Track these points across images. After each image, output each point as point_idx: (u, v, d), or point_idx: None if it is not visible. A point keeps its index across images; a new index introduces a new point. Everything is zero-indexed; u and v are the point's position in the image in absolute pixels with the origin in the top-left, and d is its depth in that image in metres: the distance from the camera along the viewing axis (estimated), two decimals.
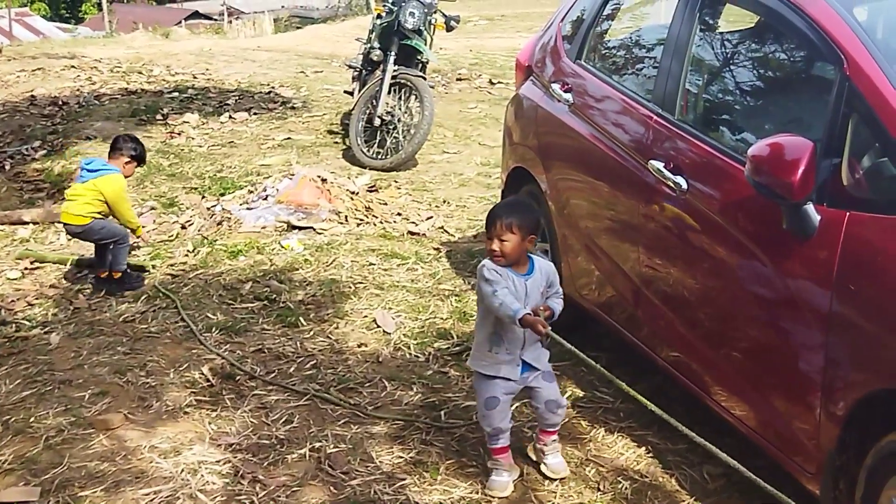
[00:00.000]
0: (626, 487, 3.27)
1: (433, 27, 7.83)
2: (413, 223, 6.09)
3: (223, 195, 6.61)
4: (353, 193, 6.31)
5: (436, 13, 7.77)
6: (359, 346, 4.38)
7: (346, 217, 6.01)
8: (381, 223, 6.01)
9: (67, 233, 5.20)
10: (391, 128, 7.45)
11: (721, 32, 3.80)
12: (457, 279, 5.18)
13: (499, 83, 10.72)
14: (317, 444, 3.52)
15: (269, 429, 3.63)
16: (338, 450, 3.49)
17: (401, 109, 7.45)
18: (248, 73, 11.19)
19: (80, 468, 3.33)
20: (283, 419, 3.71)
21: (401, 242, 5.75)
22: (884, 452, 2.50)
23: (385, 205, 6.34)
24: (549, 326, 3.04)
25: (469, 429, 3.63)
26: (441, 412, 3.77)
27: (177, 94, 9.83)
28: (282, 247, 5.58)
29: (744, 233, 2.99)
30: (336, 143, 8.21)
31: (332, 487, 3.26)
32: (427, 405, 3.83)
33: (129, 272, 5.08)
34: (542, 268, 3.25)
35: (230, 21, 29.00)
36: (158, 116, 8.90)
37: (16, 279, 5.32)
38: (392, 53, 7.46)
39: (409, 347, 4.37)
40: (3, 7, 36.60)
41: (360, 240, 5.71)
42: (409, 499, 3.19)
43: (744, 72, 3.66)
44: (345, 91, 8.85)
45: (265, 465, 3.38)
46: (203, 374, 4.04)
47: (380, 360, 4.24)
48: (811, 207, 2.66)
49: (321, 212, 6.01)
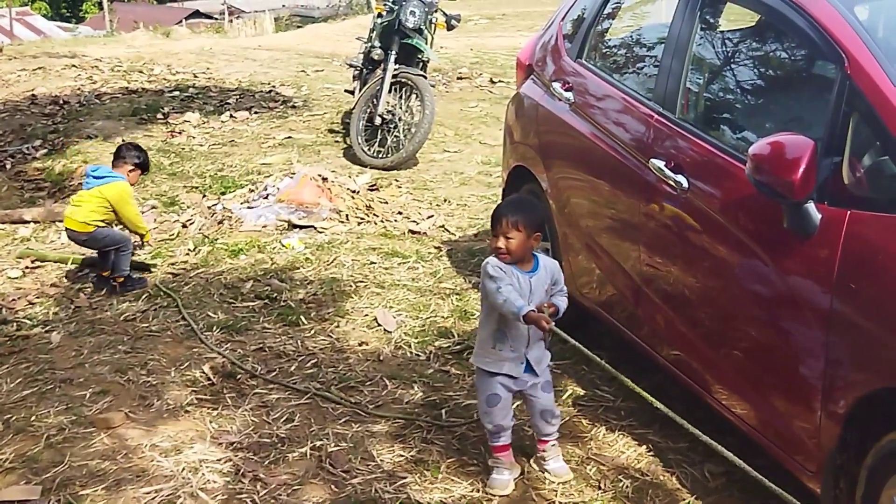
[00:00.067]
0: (627, 486, 3.27)
1: (434, 26, 7.82)
2: (414, 222, 6.09)
3: (224, 194, 6.62)
4: (354, 192, 6.31)
5: (436, 12, 7.77)
6: (360, 345, 4.38)
7: (347, 216, 6.01)
8: (382, 222, 6.01)
9: (70, 239, 5.19)
10: (392, 127, 7.45)
11: (722, 31, 3.80)
12: (458, 278, 5.18)
13: (499, 82, 10.72)
14: (318, 443, 3.52)
15: (270, 427, 3.63)
16: (339, 448, 3.49)
17: (402, 108, 7.44)
18: (249, 72, 11.19)
19: (81, 467, 3.33)
20: (284, 418, 3.71)
21: (402, 241, 5.75)
22: (884, 451, 2.50)
23: (386, 203, 6.33)
24: (553, 323, 3.04)
25: (470, 427, 3.64)
26: (442, 411, 3.77)
27: (178, 93, 9.83)
28: (283, 245, 5.58)
29: (744, 231, 2.99)
30: (337, 142, 8.21)
31: (333, 486, 3.26)
32: (428, 404, 3.84)
33: (131, 275, 5.08)
34: (547, 265, 3.25)
35: (231, 20, 29.02)
36: (159, 115, 8.91)
37: (17, 278, 5.33)
38: (393, 52, 7.46)
39: (410, 346, 4.37)
40: (4, 6, 36.60)
41: (361, 238, 5.71)
42: (410, 497, 3.19)
43: (745, 70, 3.66)
44: (345, 90, 8.85)
45: (266, 464, 3.38)
46: (204, 373, 4.05)
47: (381, 359, 4.24)
48: (812, 206, 2.66)
49: (322, 211, 6.01)
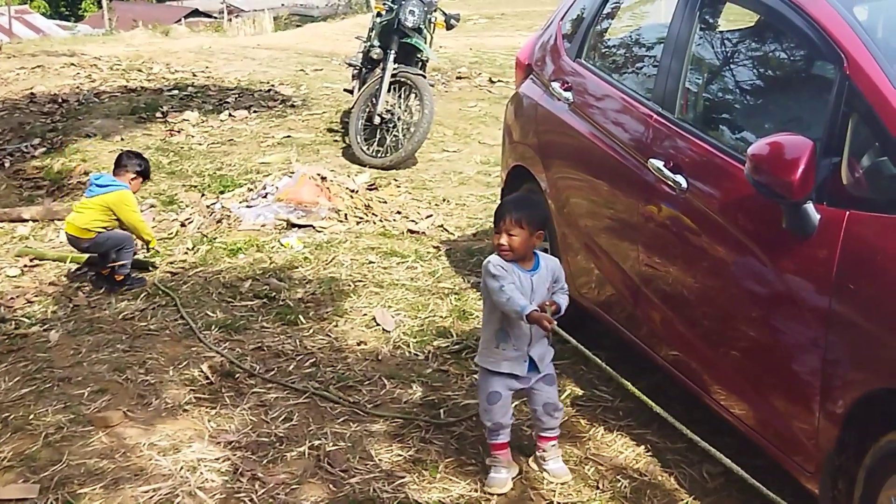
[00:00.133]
0: (626, 486, 3.27)
1: (433, 25, 7.82)
2: (413, 221, 6.09)
3: (223, 193, 6.62)
4: (353, 192, 6.31)
5: (436, 11, 7.77)
6: (358, 345, 4.38)
7: (346, 215, 6.01)
8: (381, 221, 6.01)
9: (72, 245, 5.17)
10: (391, 126, 7.44)
11: (721, 31, 3.80)
12: (456, 277, 5.18)
13: (499, 82, 10.71)
14: (316, 442, 3.52)
15: (269, 427, 3.63)
16: (337, 448, 3.49)
17: (400, 108, 7.44)
18: (248, 71, 11.18)
19: (80, 465, 3.33)
20: (283, 417, 3.71)
21: (400, 241, 5.75)
22: (883, 452, 2.50)
23: (385, 203, 6.33)
24: (555, 322, 3.04)
25: (468, 427, 3.64)
26: (440, 410, 3.77)
27: (176, 92, 9.82)
28: (281, 245, 5.58)
29: (743, 232, 2.99)
30: (336, 142, 8.20)
31: (332, 485, 3.26)
32: (426, 403, 3.83)
33: (131, 274, 5.08)
34: (548, 264, 3.25)
35: (230, 19, 29.05)
36: (158, 114, 8.90)
37: (15, 276, 5.32)
38: (392, 52, 7.45)
39: (409, 346, 4.37)
40: (3, 5, 36.59)
41: (360, 238, 5.71)
42: (409, 497, 3.19)
43: (744, 71, 3.66)
44: (344, 89, 8.85)
45: (264, 463, 3.38)
46: (202, 372, 4.04)
47: (379, 359, 4.24)
48: (811, 206, 2.66)
49: (321, 210, 6.01)
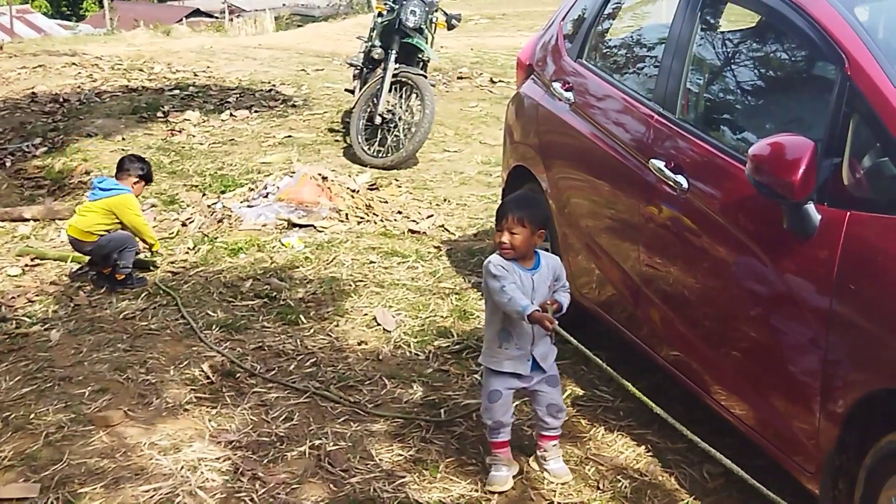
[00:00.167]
0: (626, 486, 3.27)
1: (434, 25, 7.82)
2: (414, 221, 6.09)
3: (224, 193, 6.62)
4: (354, 191, 6.31)
5: (437, 11, 7.77)
6: (359, 344, 4.38)
7: (347, 215, 6.01)
8: (382, 221, 6.01)
9: (75, 248, 5.17)
10: (392, 126, 7.45)
11: (722, 32, 3.80)
12: (457, 277, 5.18)
13: (500, 82, 10.71)
14: (317, 442, 3.52)
15: (269, 426, 3.63)
16: (337, 447, 3.49)
17: (402, 108, 7.44)
18: (249, 71, 11.18)
19: (80, 465, 3.33)
20: (283, 417, 3.71)
21: (401, 241, 5.75)
22: (883, 452, 2.50)
23: (386, 203, 6.33)
24: (557, 321, 3.04)
25: (469, 427, 3.64)
26: (441, 410, 3.77)
27: (178, 92, 9.82)
28: (282, 244, 5.58)
29: (744, 232, 2.99)
30: (337, 142, 8.21)
31: (332, 485, 3.26)
32: (427, 403, 3.84)
33: (132, 274, 5.08)
34: (549, 262, 3.25)
35: (231, 19, 29.06)
36: (159, 114, 8.90)
37: (16, 276, 5.33)
38: (393, 52, 7.45)
39: (410, 345, 4.37)
40: (5, 4, 36.60)
41: (361, 238, 5.71)
42: (409, 497, 3.19)
43: (745, 71, 3.66)
44: (346, 89, 8.85)
45: (265, 463, 3.38)
46: (203, 372, 4.04)
47: (380, 358, 4.24)
48: (812, 207, 2.66)
49: (322, 210, 6.01)
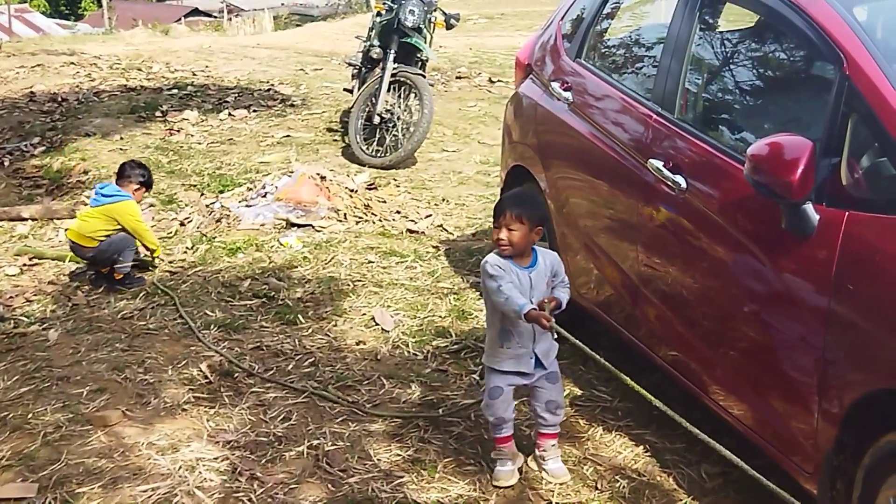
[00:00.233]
0: (624, 486, 3.27)
1: (433, 25, 7.82)
2: (412, 221, 6.09)
3: (222, 192, 6.62)
4: (352, 191, 6.31)
5: (435, 11, 7.77)
6: (357, 344, 4.38)
7: (345, 215, 6.01)
8: (380, 221, 6.01)
9: (76, 254, 5.17)
10: (390, 126, 7.45)
11: (721, 32, 3.80)
12: (455, 277, 5.18)
13: (498, 81, 10.71)
14: (315, 442, 3.52)
15: (267, 426, 3.63)
16: (336, 447, 3.49)
17: (400, 107, 7.44)
18: (248, 71, 11.18)
19: (78, 465, 3.33)
20: (282, 416, 3.71)
21: (399, 240, 5.75)
22: (881, 452, 2.50)
23: (384, 203, 6.33)
24: (554, 319, 3.04)
25: (467, 427, 3.64)
26: (439, 410, 3.77)
27: (176, 91, 9.82)
28: (280, 244, 5.58)
29: (743, 232, 2.99)
30: (335, 141, 8.20)
31: (330, 485, 3.26)
32: (425, 403, 3.83)
33: (130, 273, 5.08)
34: (546, 258, 3.25)
35: (230, 18, 29.04)
36: (158, 113, 8.90)
37: (14, 275, 5.32)
38: (392, 51, 7.45)
39: (408, 345, 4.37)
40: (3, 3, 36.57)
41: (359, 238, 5.71)
42: (407, 497, 3.19)
43: (743, 71, 3.66)
44: (344, 89, 8.85)
45: (263, 463, 3.38)
46: (201, 371, 4.04)
47: (378, 358, 4.23)
48: (810, 207, 2.66)
49: (320, 209, 6.01)
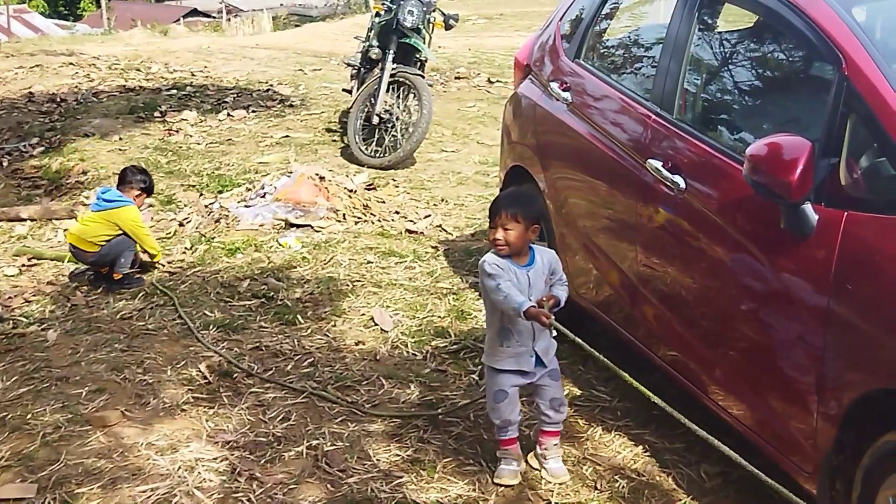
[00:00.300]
0: (623, 486, 3.27)
1: (432, 25, 7.83)
2: (411, 221, 6.09)
3: (221, 193, 6.62)
4: (352, 191, 6.31)
5: (434, 11, 7.77)
6: (356, 345, 4.38)
7: (344, 215, 6.01)
8: (379, 221, 6.01)
9: (77, 258, 5.17)
10: (389, 126, 7.45)
11: (720, 32, 3.80)
12: (455, 277, 5.18)
13: (497, 82, 10.72)
14: (314, 442, 3.52)
15: (267, 426, 3.63)
16: (335, 448, 3.49)
17: (399, 108, 7.44)
18: (247, 71, 11.18)
19: (77, 465, 3.33)
20: (281, 417, 3.70)
21: (399, 241, 5.75)
22: (880, 452, 2.50)
23: (383, 203, 6.33)
24: (553, 317, 3.04)
25: (466, 427, 3.64)
26: (438, 410, 3.77)
27: (175, 92, 9.81)
28: (280, 245, 5.58)
29: (742, 232, 2.99)
30: (334, 142, 8.20)
31: (329, 485, 3.26)
32: (424, 403, 3.83)
33: (129, 273, 5.08)
34: (544, 256, 3.25)
35: (229, 18, 29.05)
36: (156, 114, 8.89)
37: (13, 276, 5.32)
38: (391, 52, 7.45)
39: (407, 346, 4.37)
40: (2, 4, 36.56)
41: (358, 238, 5.71)
42: (407, 497, 3.19)
43: (742, 71, 3.66)
44: (343, 89, 8.85)
45: (262, 463, 3.38)
46: (200, 372, 4.04)
47: (377, 359, 4.23)
48: (809, 207, 2.67)
49: (319, 210, 6.01)
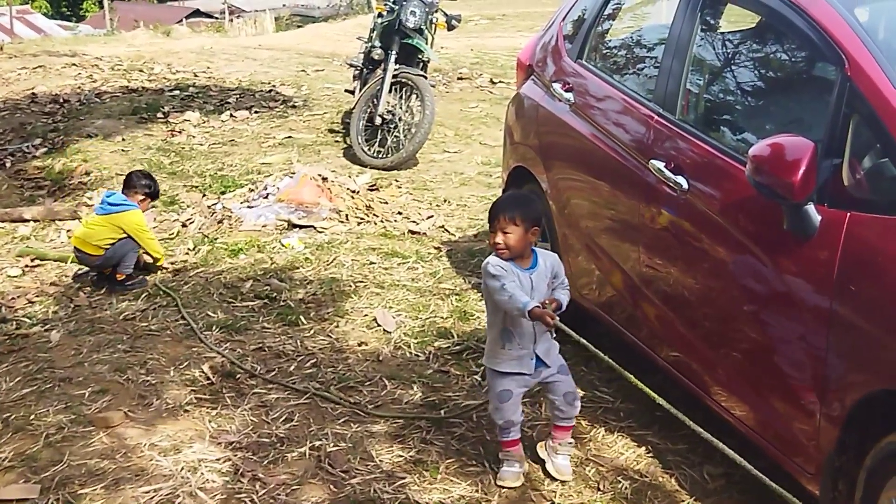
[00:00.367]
0: (626, 487, 3.27)
1: (434, 26, 7.83)
2: (414, 222, 6.09)
3: (224, 193, 6.62)
4: (354, 192, 6.31)
5: (437, 12, 7.77)
6: (359, 345, 4.38)
7: (347, 216, 6.01)
8: (382, 222, 6.01)
9: (81, 262, 5.17)
10: (392, 127, 7.45)
11: (722, 32, 3.80)
12: (457, 278, 5.18)
13: (500, 82, 10.72)
14: (317, 443, 3.52)
15: (269, 427, 3.63)
16: (338, 448, 3.49)
17: (402, 108, 7.44)
18: (249, 72, 11.19)
19: (80, 466, 3.33)
20: (283, 417, 3.71)
21: (401, 241, 5.75)
22: (883, 453, 2.50)
23: (386, 204, 6.33)
24: (557, 317, 3.04)
25: (469, 428, 3.64)
26: (441, 411, 3.77)
27: (178, 93, 9.83)
28: (282, 245, 5.58)
29: (744, 233, 2.99)
30: (337, 142, 8.21)
31: (332, 486, 3.26)
32: (427, 404, 3.83)
33: (132, 274, 5.08)
34: (547, 260, 3.26)
35: (231, 19, 29.06)
36: (159, 114, 8.90)
37: (16, 277, 5.33)
38: (393, 52, 7.46)
39: (410, 346, 4.37)
40: (5, 5, 36.58)
41: (361, 238, 5.71)
42: (409, 497, 3.19)
43: (745, 72, 3.66)
44: (346, 90, 8.85)
45: (265, 464, 3.38)
46: (203, 373, 4.04)
47: (380, 359, 4.24)
48: (812, 208, 2.66)
49: (322, 210, 6.01)
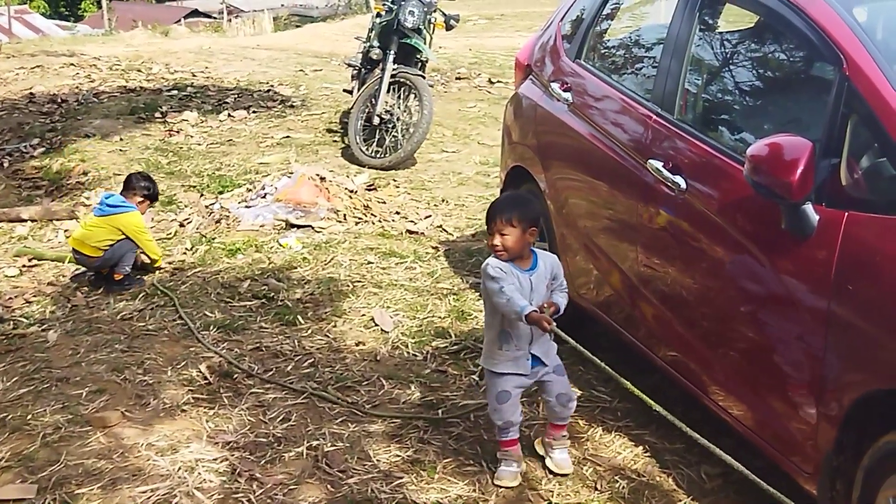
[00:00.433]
0: (624, 486, 3.27)
1: (433, 26, 7.83)
2: (412, 222, 6.09)
3: (222, 193, 6.62)
4: (352, 192, 6.31)
5: (435, 12, 7.78)
6: (357, 345, 4.38)
7: (345, 216, 6.01)
8: (380, 222, 6.01)
9: (80, 264, 5.17)
10: (390, 126, 7.45)
11: (721, 32, 3.80)
12: (455, 278, 5.18)
13: (498, 82, 10.72)
14: (314, 443, 3.51)
15: (267, 427, 3.63)
16: (335, 448, 3.48)
17: (400, 108, 7.44)
18: (248, 72, 11.18)
19: (77, 466, 3.33)
20: (281, 417, 3.70)
21: (399, 241, 5.75)
22: (881, 453, 2.50)
23: (384, 203, 6.33)
24: (555, 322, 3.04)
25: (466, 427, 3.64)
26: (439, 411, 3.77)
27: (176, 92, 9.82)
28: (280, 245, 5.58)
29: (742, 232, 2.99)
30: (335, 142, 8.21)
31: (330, 486, 3.26)
32: (425, 404, 3.83)
33: (129, 274, 5.08)
34: (546, 261, 3.26)
35: (229, 19, 29.05)
36: (157, 114, 8.90)
37: (14, 276, 5.32)
38: (391, 52, 7.46)
39: (407, 346, 4.37)
40: (3, 5, 36.57)
41: (359, 238, 5.71)
42: (407, 497, 3.19)
43: (743, 72, 3.66)
44: (344, 90, 8.85)
45: (262, 464, 3.38)
46: (201, 372, 4.04)
47: (378, 359, 4.23)
48: (810, 207, 2.66)
49: (320, 210, 6.01)
